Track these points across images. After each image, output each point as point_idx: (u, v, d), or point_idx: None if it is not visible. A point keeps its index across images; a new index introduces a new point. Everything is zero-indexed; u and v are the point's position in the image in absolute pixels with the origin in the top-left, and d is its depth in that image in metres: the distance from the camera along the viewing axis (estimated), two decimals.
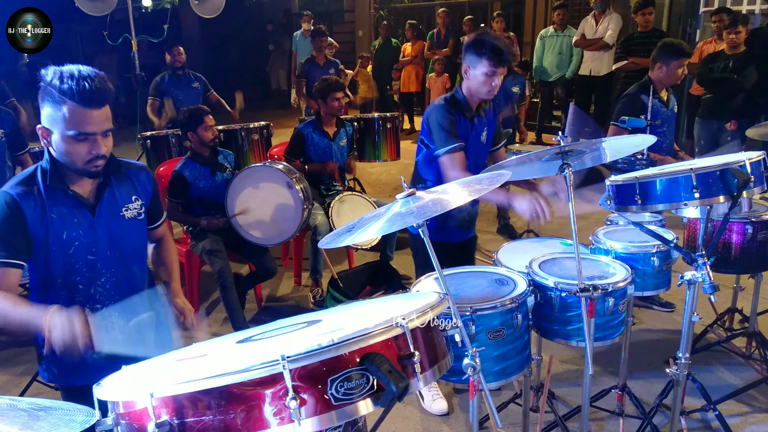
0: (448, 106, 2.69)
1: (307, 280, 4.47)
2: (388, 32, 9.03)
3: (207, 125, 3.73)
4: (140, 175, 1.98)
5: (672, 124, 3.77)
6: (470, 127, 2.76)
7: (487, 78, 2.57)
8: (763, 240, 2.86)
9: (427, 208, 1.50)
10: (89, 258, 1.81)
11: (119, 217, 1.87)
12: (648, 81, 3.62)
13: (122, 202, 1.89)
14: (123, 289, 1.91)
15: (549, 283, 2.14)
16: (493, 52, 2.51)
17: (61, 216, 1.76)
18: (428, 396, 2.98)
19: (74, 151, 1.68)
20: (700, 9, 6.56)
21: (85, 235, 1.80)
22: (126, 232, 1.89)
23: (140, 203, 1.94)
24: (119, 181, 1.90)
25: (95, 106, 1.65)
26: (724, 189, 1.87)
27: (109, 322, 1.87)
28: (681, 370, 2.19)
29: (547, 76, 7.18)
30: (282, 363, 0.88)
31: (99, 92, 1.64)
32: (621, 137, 2.09)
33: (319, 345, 0.90)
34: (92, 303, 1.86)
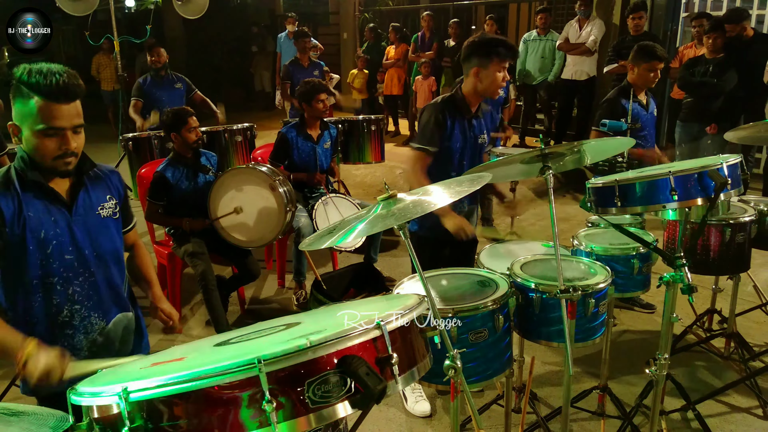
0: (442, 107, 2.73)
1: (290, 282, 4.46)
2: (376, 35, 9.03)
3: (190, 126, 3.71)
4: (112, 177, 1.98)
5: (652, 128, 3.81)
6: (468, 127, 2.79)
7: (499, 75, 2.64)
8: (741, 242, 2.90)
9: (408, 209, 1.50)
10: (67, 258, 1.79)
11: (96, 216, 1.86)
12: (627, 85, 3.66)
13: (98, 201, 1.88)
14: (101, 290, 1.90)
15: (530, 284, 2.15)
16: (502, 46, 2.61)
17: (38, 214, 1.74)
18: (412, 397, 2.98)
19: (44, 147, 1.67)
20: (680, 14, 6.66)
21: (63, 234, 1.78)
22: (103, 231, 1.88)
23: (114, 202, 1.93)
24: (93, 181, 1.89)
25: (64, 100, 1.64)
26: (702, 191, 1.90)
27: (89, 324, 1.86)
28: (660, 371, 2.21)
29: (530, 80, 7.22)
30: (258, 366, 0.88)
31: (67, 87, 1.63)
32: (601, 139, 2.11)
33: (296, 347, 0.90)
34: (71, 304, 1.84)
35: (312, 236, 1.60)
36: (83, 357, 1.83)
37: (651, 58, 3.54)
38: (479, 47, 2.63)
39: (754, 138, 3.04)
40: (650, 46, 3.62)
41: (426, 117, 2.75)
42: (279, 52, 9.05)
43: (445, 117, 2.71)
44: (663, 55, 3.61)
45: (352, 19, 10.35)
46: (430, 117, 2.72)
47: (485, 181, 1.64)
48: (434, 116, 2.70)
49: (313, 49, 7.67)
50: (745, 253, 2.96)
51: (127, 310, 2.00)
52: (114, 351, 1.94)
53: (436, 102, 2.78)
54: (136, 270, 2.12)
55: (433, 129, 2.70)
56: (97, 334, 1.89)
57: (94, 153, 1.96)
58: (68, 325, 1.84)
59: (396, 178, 6.58)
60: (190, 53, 9.68)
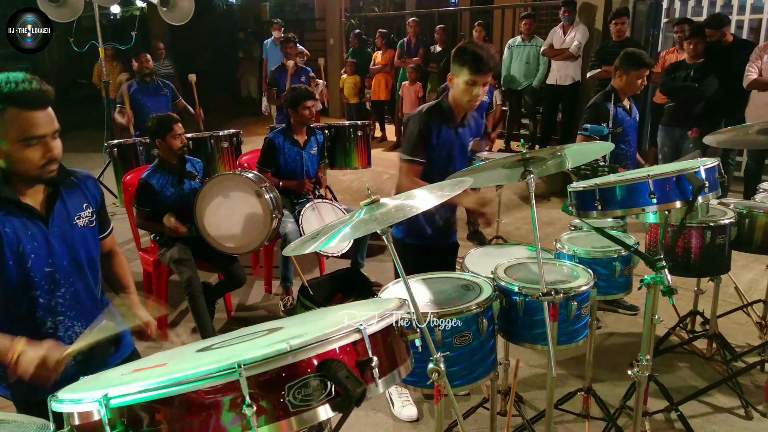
0: (426, 117, 2.72)
1: (277, 288, 4.45)
2: (363, 41, 9.07)
3: (176, 133, 3.71)
4: (88, 183, 1.96)
5: (635, 133, 3.86)
6: (455, 135, 2.79)
7: (467, 86, 2.60)
8: (721, 244, 2.95)
9: (391, 214, 1.51)
10: (47, 270, 1.79)
11: (72, 226, 1.85)
12: (611, 90, 3.71)
13: (74, 210, 1.87)
14: (82, 299, 1.90)
15: (513, 288, 2.17)
16: (473, 59, 2.55)
17: (14, 230, 1.72)
18: (398, 402, 2.99)
19: (27, 158, 1.66)
20: (662, 20, 6.75)
21: (40, 247, 1.77)
22: (80, 241, 1.87)
23: (91, 211, 1.92)
24: (69, 190, 1.87)
25: (38, 107, 1.63)
26: (680, 195, 1.93)
27: (73, 333, 1.86)
28: (642, 372, 2.24)
29: (515, 85, 7.29)
30: (238, 370, 0.88)
31: (39, 93, 1.62)
32: (582, 144, 2.14)
33: (276, 351, 0.91)
34: (54, 316, 1.83)
35: (296, 242, 1.61)
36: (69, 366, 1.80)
37: (639, 65, 3.58)
38: (457, 54, 2.64)
39: (733, 141, 3.09)
40: (637, 54, 3.66)
41: (411, 128, 2.75)
42: (265, 58, 9.06)
43: (429, 127, 2.70)
44: (650, 62, 3.65)
45: (338, 25, 10.38)
46: (415, 128, 2.72)
47: (466, 185, 1.65)
48: (418, 127, 2.70)
49: (300, 55, 7.69)
50: (725, 255, 3.00)
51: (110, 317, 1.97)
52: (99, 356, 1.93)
53: (421, 112, 2.77)
54: (114, 277, 2.11)
55: (417, 141, 2.70)
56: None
57: (81, 160, 1.97)
58: (53, 336, 1.82)
59: (383, 183, 6.60)
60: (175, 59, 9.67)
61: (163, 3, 5.82)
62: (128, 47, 6.32)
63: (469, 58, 2.55)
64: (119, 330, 1.94)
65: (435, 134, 2.72)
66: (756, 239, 3.11)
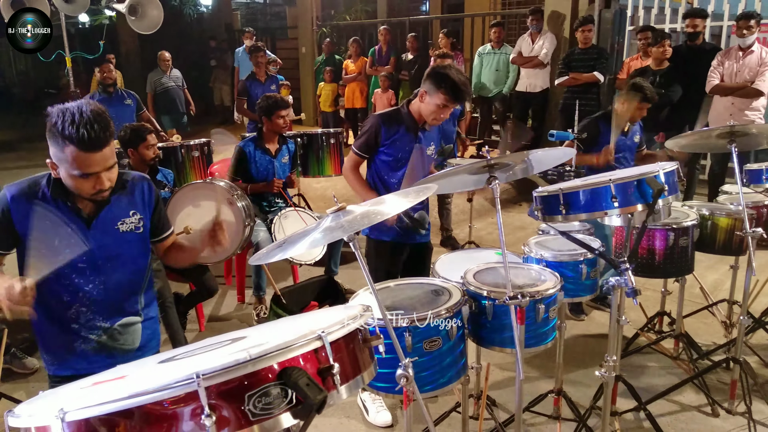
0: (381, 122, 2.85)
1: (250, 297, 4.42)
2: (332, 49, 9.09)
3: (149, 144, 3.68)
4: (142, 187, 2.03)
5: (631, 153, 3.91)
6: (413, 139, 2.89)
7: (438, 108, 2.73)
8: (685, 245, 3.02)
9: (356, 221, 1.52)
10: (80, 266, 1.88)
11: (114, 231, 1.94)
12: (611, 111, 3.75)
13: (119, 216, 1.95)
14: (109, 297, 1.97)
15: (482, 292, 2.20)
16: (453, 89, 2.66)
17: (55, 223, 1.83)
18: (372, 408, 2.99)
19: (80, 187, 1.78)
20: (627, 27, 6.91)
21: (77, 244, 1.85)
22: (121, 244, 1.95)
23: (138, 217, 2.00)
24: (119, 196, 1.96)
25: (96, 150, 1.71)
26: (641, 198, 1.98)
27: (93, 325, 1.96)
28: (609, 373, 2.28)
29: (485, 92, 7.37)
30: (196, 381, 0.88)
31: (99, 138, 1.69)
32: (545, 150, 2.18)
33: (234, 361, 0.91)
34: (78, 306, 1.92)
35: (261, 251, 1.61)
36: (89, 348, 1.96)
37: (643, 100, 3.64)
38: (435, 75, 2.72)
39: (693, 146, 3.18)
40: (644, 87, 3.68)
41: (366, 126, 2.91)
42: (237, 67, 9.03)
43: (380, 130, 2.84)
44: (652, 97, 3.69)
45: (310, 33, 10.39)
46: (369, 128, 2.88)
47: (430, 192, 1.68)
48: (372, 128, 2.86)
49: (272, 64, 7.68)
50: (689, 256, 3.08)
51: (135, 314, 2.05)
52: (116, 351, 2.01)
53: (380, 114, 2.91)
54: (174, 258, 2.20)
55: (367, 139, 2.87)
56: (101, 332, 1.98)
57: None
58: (75, 321, 1.94)
59: None
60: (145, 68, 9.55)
61: (131, 12, 5.75)
62: (96, 56, 6.23)
63: (449, 86, 2.66)
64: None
65: (387, 136, 2.85)
66: (718, 240, 3.20)
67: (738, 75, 5.17)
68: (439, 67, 2.77)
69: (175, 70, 8.10)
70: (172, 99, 7.98)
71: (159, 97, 7.96)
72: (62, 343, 1.96)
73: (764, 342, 3.65)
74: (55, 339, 1.97)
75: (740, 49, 5.16)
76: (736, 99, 5.19)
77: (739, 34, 5.12)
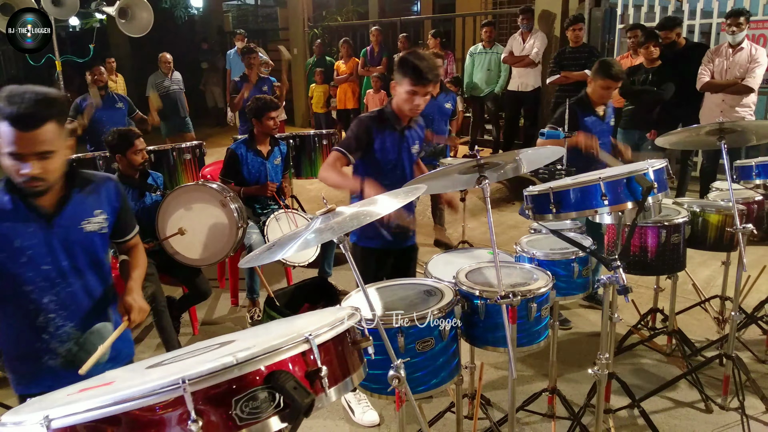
0: (369, 123, 2.80)
1: (244, 300, 4.40)
2: (323, 50, 9.08)
3: (137, 148, 3.65)
4: (107, 186, 1.99)
5: (608, 137, 3.92)
6: (400, 139, 2.86)
7: (408, 96, 2.67)
8: (676, 242, 3.03)
9: (345, 223, 1.52)
10: (43, 268, 1.82)
11: (78, 230, 1.88)
12: (583, 95, 3.77)
13: (83, 215, 1.89)
14: (78, 301, 1.91)
15: (474, 292, 2.20)
16: (414, 71, 2.61)
17: (14, 224, 1.77)
18: (358, 409, 2.99)
19: (10, 168, 1.71)
20: (617, 25, 6.93)
21: (39, 245, 1.80)
22: (85, 245, 1.89)
23: (104, 217, 1.95)
24: (83, 195, 1.90)
25: (27, 128, 1.64)
26: (631, 195, 1.98)
27: (64, 332, 1.89)
28: (602, 370, 2.29)
29: (477, 92, 7.38)
30: (182, 386, 0.87)
31: (32, 115, 1.63)
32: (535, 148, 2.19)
33: (221, 365, 0.90)
34: (45, 312, 1.85)
35: (251, 254, 1.61)
36: (59, 363, 1.88)
37: (605, 76, 3.61)
38: (399, 63, 2.70)
39: (684, 143, 3.19)
40: (608, 64, 3.66)
41: (353, 128, 2.84)
42: (229, 69, 9.00)
43: (371, 133, 2.79)
44: (618, 75, 3.64)
45: (301, 34, 10.38)
46: (356, 130, 2.81)
47: (420, 192, 1.67)
48: (359, 130, 2.79)
49: (264, 65, 7.66)
50: (681, 253, 3.09)
51: (107, 320, 2.00)
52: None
53: (367, 116, 2.85)
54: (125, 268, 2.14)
55: (353, 142, 2.80)
56: (73, 343, 1.91)
57: None
58: (44, 330, 1.86)
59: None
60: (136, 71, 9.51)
61: (121, 14, 5.72)
62: (86, 60, 6.19)
63: (410, 69, 2.62)
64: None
65: (379, 138, 2.80)
66: (709, 237, 3.22)
67: (728, 72, 5.20)
68: (405, 53, 2.72)
69: (176, 73, 7.96)
70: (174, 102, 7.83)
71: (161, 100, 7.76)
72: (30, 357, 1.87)
73: (757, 337, 3.66)
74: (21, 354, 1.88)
75: (730, 47, 5.19)
76: (727, 96, 5.21)
77: (729, 32, 5.14)
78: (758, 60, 5.08)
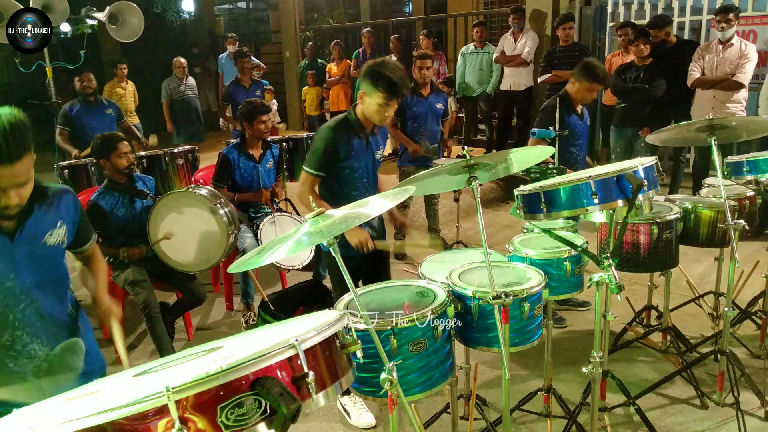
0: (333, 132, 2.76)
1: (239, 304, 4.39)
2: (314, 53, 9.07)
3: (121, 152, 3.63)
4: (65, 199, 1.95)
5: (586, 137, 3.94)
6: (365, 145, 2.86)
7: (380, 108, 2.66)
8: (669, 239, 3.03)
9: (335, 226, 1.51)
10: (7, 285, 1.76)
11: (41, 244, 1.83)
12: (565, 94, 3.78)
13: (45, 229, 1.84)
14: (45, 318, 1.86)
15: (467, 292, 2.19)
16: (388, 85, 2.59)
17: None
18: (354, 411, 2.99)
19: None
20: (607, 24, 6.95)
21: (2, 262, 1.75)
22: (48, 259, 1.85)
23: (65, 229, 1.91)
24: (44, 208, 1.85)
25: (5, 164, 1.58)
26: (621, 194, 1.98)
27: (32, 350, 1.83)
28: (596, 369, 2.28)
29: (470, 92, 7.38)
30: (167, 394, 0.87)
31: (8, 153, 1.57)
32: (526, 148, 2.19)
33: (206, 373, 0.89)
34: (11, 330, 1.80)
35: (239, 259, 1.60)
36: (28, 381, 1.81)
37: (592, 79, 3.63)
38: (370, 74, 2.65)
39: (674, 140, 3.19)
40: (594, 67, 3.67)
41: (317, 142, 2.79)
42: (221, 73, 8.99)
43: (336, 142, 2.75)
44: (604, 78, 3.66)
45: (293, 37, 10.37)
46: (321, 143, 2.76)
47: (409, 194, 1.67)
48: (324, 142, 2.75)
49: (256, 69, 7.65)
50: (673, 249, 3.10)
51: (75, 335, 1.96)
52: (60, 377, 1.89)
53: (329, 126, 2.80)
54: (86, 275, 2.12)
55: (320, 156, 2.76)
56: (42, 360, 1.86)
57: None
58: (11, 348, 1.80)
59: None
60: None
61: (111, 20, 5.70)
62: (77, 66, 6.17)
63: (384, 84, 2.60)
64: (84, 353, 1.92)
65: (343, 148, 2.77)
66: (702, 233, 3.22)
67: (719, 68, 5.22)
68: (374, 64, 2.67)
69: (190, 78, 7.81)
70: (189, 108, 7.72)
71: (176, 106, 7.66)
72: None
73: (752, 332, 3.67)
74: None
75: (720, 43, 5.21)
76: (718, 92, 5.23)
77: (719, 28, 5.16)
78: (748, 56, 5.10)
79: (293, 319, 1.48)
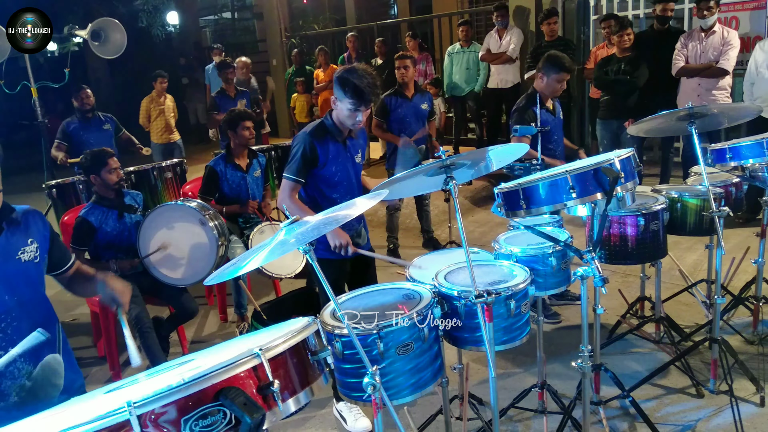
0: (311, 138, 2.77)
1: (233, 315, 4.38)
2: (302, 59, 9.08)
3: (111, 167, 3.63)
4: (30, 218, 1.95)
5: (560, 132, 3.96)
6: (344, 149, 2.87)
7: (350, 113, 2.69)
8: (656, 230, 3.03)
9: (307, 233, 1.51)
10: None
11: (15, 261, 1.83)
12: (533, 92, 3.80)
13: (17, 245, 1.84)
14: (26, 336, 1.81)
15: (453, 292, 2.19)
16: (355, 93, 2.61)
17: None
18: (350, 417, 2.98)
19: None
20: (591, 17, 6.96)
21: None
22: (23, 276, 1.85)
23: (36, 246, 1.91)
24: (12, 226, 1.85)
25: None
26: (599, 187, 1.98)
27: (15, 369, 1.81)
28: (586, 363, 2.28)
29: (458, 91, 7.39)
30: (128, 409, 0.86)
31: None
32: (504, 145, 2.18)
33: (167, 386, 0.89)
34: None
35: (216, 272, 1.59)
36: (11, 402, 1.80)
37: (560, 69, 3.66)
38: (339, 81, 2.67)
39: (657, 130, 3.21)
40: (559, 57, 3.71)
41: (296, 148, 2.80)
42: (208, 84, 8.99)
43: (314, 147, 2.77)
44: (570, 66, 3.70)
45: (279, 45, 10.38)
46: (299, 149, 2.78)
47: (381, 197, 1.67)
48: (302, 149, 2.77)
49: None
50: (661, 240, 3.09)
51: (54, 350, 1.94)
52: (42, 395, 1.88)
53: (306, 132, 2.82)
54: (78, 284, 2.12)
55: (299, 162, 2.77)
56: (25, 379, 1.84)
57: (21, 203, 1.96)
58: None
59: None
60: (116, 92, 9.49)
61: (94, 37, 5.70)
62: (62, 84, 6.16)
63: (351, 90, 2.61)
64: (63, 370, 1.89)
65: (322, 152, 2.79)
66: (689, 222, 3.22)
67: (702, 56, 5.22)
68: (343, 70, 2.69)
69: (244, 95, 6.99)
70: None
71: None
72: None
73: (746, 319, 3.67)
74: None
75: (702, 31, 5.22)
76: (703, 80, 5.24)
77: (700, 15, 5.17)
78: (731, 42, 5.11)
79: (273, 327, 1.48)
